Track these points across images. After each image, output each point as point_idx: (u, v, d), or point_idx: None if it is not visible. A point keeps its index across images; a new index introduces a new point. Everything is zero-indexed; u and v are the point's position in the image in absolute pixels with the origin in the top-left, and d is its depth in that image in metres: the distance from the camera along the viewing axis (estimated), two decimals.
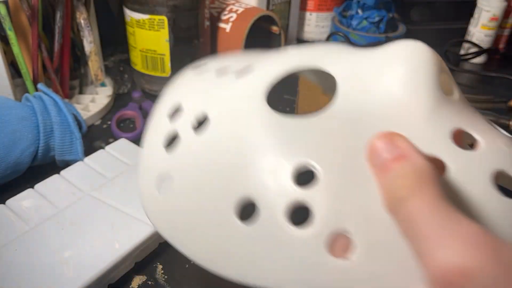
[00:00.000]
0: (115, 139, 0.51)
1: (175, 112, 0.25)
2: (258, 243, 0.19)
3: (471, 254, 0.14)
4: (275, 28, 0.64)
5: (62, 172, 0.41)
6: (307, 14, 0.81)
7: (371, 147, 0.18)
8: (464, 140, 0.23)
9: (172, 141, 0.24)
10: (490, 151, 0.20)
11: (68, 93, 0.56)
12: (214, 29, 0.63)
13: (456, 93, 0.22)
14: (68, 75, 0.55)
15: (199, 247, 0.21)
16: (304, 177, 0.20)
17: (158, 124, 0.25)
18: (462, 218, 0.15)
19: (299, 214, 0.19)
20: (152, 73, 0.59)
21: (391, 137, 0.18)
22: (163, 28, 0.55)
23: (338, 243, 0.18)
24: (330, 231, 0.18)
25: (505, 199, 0.19)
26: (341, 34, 0.69)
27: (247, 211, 0.20)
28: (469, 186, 0.18)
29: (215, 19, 0.63)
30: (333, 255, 0.17)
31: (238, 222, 0.19)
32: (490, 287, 0.13)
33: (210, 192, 0.21)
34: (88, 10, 0.53)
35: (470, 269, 0.14)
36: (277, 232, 0.18)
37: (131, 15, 0.56)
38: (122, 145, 0.45)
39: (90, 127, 0.54)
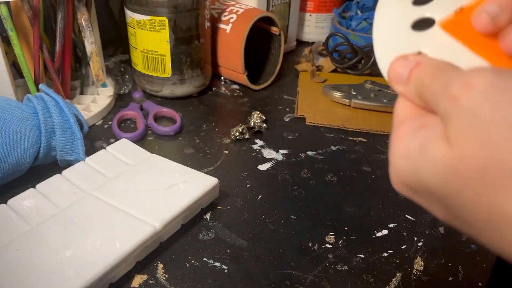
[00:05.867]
0: (116, 139, 0.51)
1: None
2: None
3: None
4: (275, 29, 0.64)
5: (64, 172, 0.41)
6: (307, 15, 0.82)
7: (389, 72, 0.22)
8: None
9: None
10: None
11: (69, 94, 0.56)
12: (215, 30, 0.63)
13: None
14: (70, 75, 0.55)
15: None
16: None
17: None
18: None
19: None
20: (153, 74, 0.59)
21: (403, 57, 0.22)
22: (164, 29, 0.55)
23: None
24: None
25: None
26: (340, 35, 0.69)
27: None
28: None
29: (216, 20, 0.63)
30: None
31: None
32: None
33: None
34: (89, 11, 0.54)
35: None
36: None
37: (132, 16, 0.56)
38: (123, 145, 0.46)
39: (91, 127, 0.54)
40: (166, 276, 0.35)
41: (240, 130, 0.52)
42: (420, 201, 0.21)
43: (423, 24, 0.24)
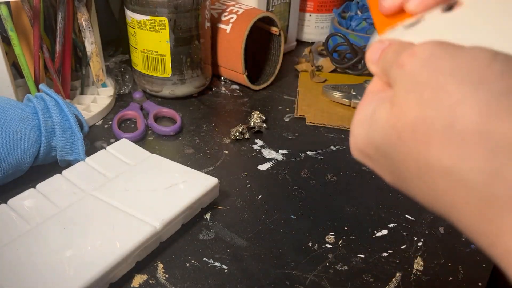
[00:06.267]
0: (116, 139, 0.51)
1: None
2: None
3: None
4: (275, 29, 0.64)
5: (64, 172, 0.41)
6: (307, 15, 0.82)
7: (367, 54, 0.24)
8: None
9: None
10: None
11: (69, 94, 0.56)
12: (215, 30, 0.63)
13: None
14: (70, 75, 0.55)
15: None
16: None
17: None
18: None
19: None
20: (153, 74, 0.59)
21: (380, 40, 0.24)
22: (164, 29, 0.55)
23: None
24: None
25: None
26: (340, 35, 0.69)
27: None
28: None
29: (216, 20, 0.63)
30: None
31: None
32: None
33: None
34: (89, 11, 0.54)
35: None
36: None
37: (132, 16, 0.56)
38: (123, 145, 0.46)
39: (92, 127, 0.54)
40: (166, 276, 0.35)
41: (240, 130, 0.52)
42: (373, 166, 0.23)
43: (415, 22, 0.26)
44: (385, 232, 0.40)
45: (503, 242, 0.16)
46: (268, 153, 0.50)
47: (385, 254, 0.37)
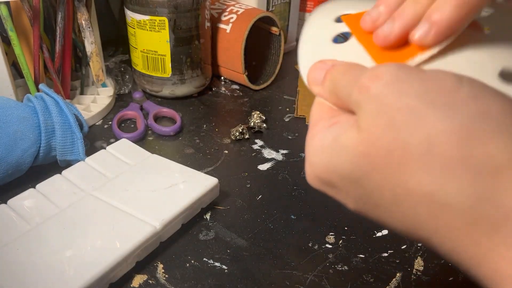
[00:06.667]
0: (116, 139, 0.51)
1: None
2: None
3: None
4: (275, 29, 0.64)
5: (64, 172, 0.41)
6: (307, 15, 0.82)
7: (308, 75, 0.24)
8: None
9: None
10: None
11: (69, 94, 0.56)
12: (215, 30, 0.63)
13: None
14: (69, 75, 0.55)
15: None
16: None
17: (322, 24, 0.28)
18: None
19: None
20: (153, 74, 0.59)
21: (321, 61, 0.24)
22: (164, 29, 0.55)
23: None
24: None
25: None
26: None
27: None
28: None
29: (216, 20, 0.63)
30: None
31: None
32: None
33: None
34: (89, 11, 0.54)
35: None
36: None
37: (132, 16, 0.56)
38: (123, 145, 0.46)
39: (91, 127, 0.54)
40: (166, 276, 0.35)
41: (240, 130, 0.52)
42: (334, 193, 0.22)
43: (343, 38, 0.26)
44: (385, 232, 0.40)
45: (492, 262, 0.16)
46: (268, 153, 0.50)
47: (385, 254, 0.37)
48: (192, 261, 0.36)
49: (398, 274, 0.35)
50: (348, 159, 0.19)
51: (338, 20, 0.28)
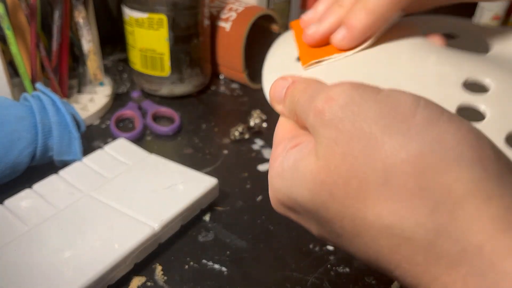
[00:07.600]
0: (114, 139, 0.50)
1: None
2: None
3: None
4: (275, 27, 0.64)
5: (61, 172, 0.40)
6: None
7: (270, 92, 0.23)
8: None
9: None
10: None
11: (66, 93, 0.55)
12: (214, 28, 0.62)
13: None
14: (67, 74, 0.54)
15: None
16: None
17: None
18: None
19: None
20: (151, 73, 0.58)
21: (282, 77, 0.23)
22: (162, 27, 0.54)
23: None
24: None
25: None
26: None
27: None
28: None
29: (215, 18, 0.63)
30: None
31: None
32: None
33: None
34: (86, 9, 0.53)
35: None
36: None
37: (130, 14, 0.56)
38: (121, 145, 0.45)
39: (89, 127, 0.53)
40: (165, 278, 0.34)
41: (240, 130, 0.52)
42: (297, 219, 0.21)
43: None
44: None
45: None
46: (268, 153, 0.50)
47: None
48: (191, 263, 0.36)
49: None
50: (307, 187, 0.18)
51: None
